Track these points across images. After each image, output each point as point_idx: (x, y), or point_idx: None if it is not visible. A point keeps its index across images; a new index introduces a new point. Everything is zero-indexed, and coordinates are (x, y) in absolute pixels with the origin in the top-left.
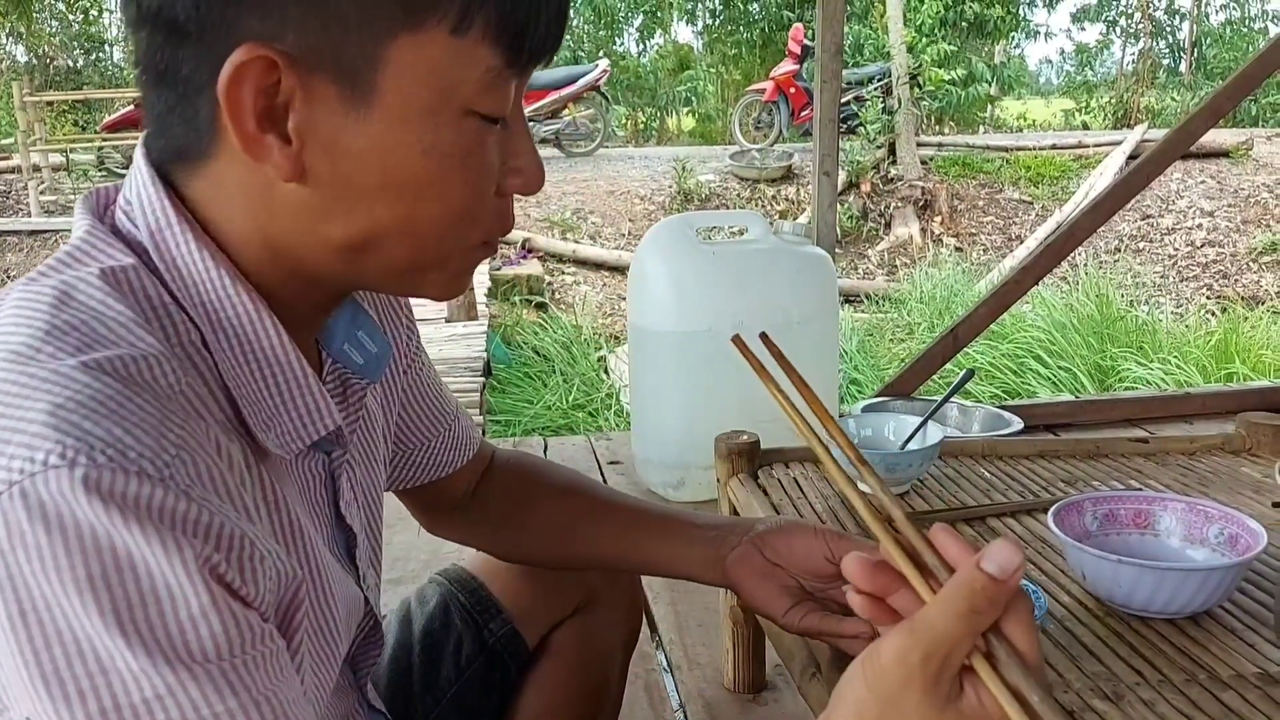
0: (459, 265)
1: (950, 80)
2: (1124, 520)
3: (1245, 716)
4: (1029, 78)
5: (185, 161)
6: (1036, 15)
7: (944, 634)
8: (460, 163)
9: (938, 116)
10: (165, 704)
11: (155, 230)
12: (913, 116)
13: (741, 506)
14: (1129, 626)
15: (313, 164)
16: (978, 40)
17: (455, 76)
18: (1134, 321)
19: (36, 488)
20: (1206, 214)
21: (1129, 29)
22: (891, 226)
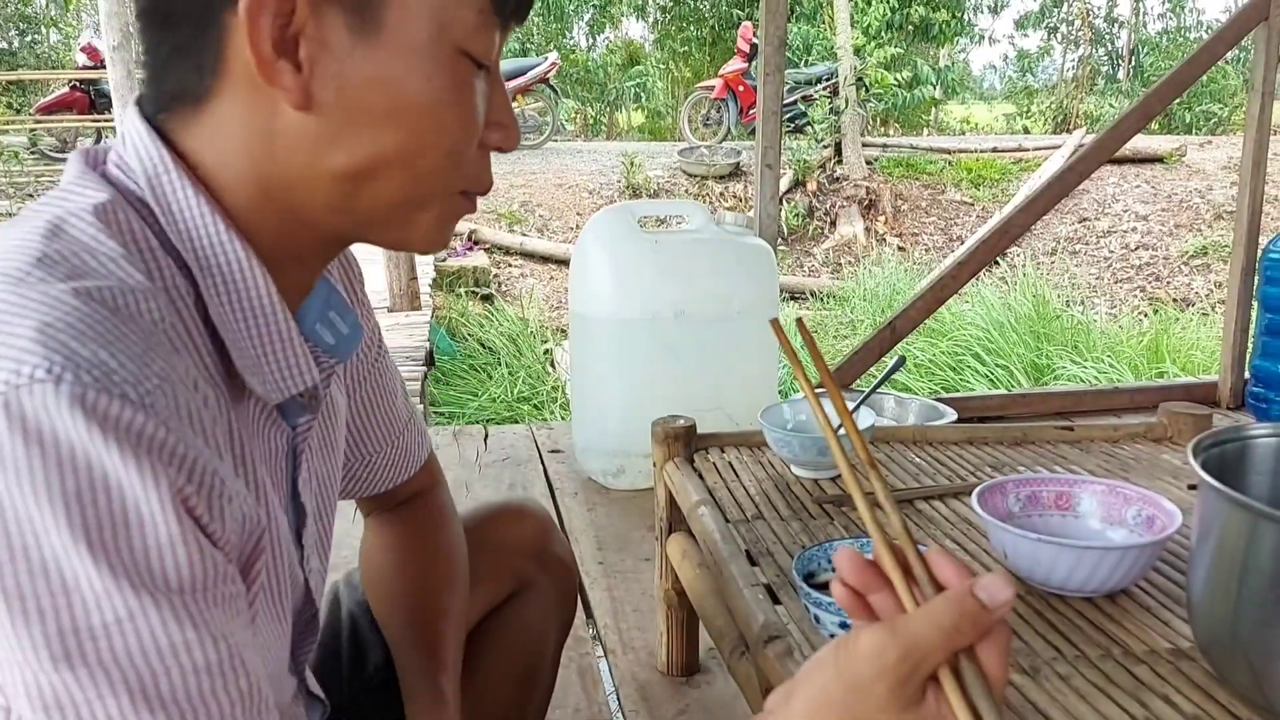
0: (444, 210)
1: (896, 82)
2: (1046, 502)
3: (1156, 689)
4: (973, 82)
5: (183, 105)
6: (982, 20)
7: (923, 642)
8: (455, 98)
9: (883, 118)
10: (124, 629)
11: (153, 176)
12: (858, 117)
13: (677, 490)
14: (1049, 604)
15: (320, 92)
16: (923, 44)
17: (451, 14)
18: (1069, 321)
19: (20, 399)
20: (1141, 218)
21: (1069, 36)
22: (837, 225)
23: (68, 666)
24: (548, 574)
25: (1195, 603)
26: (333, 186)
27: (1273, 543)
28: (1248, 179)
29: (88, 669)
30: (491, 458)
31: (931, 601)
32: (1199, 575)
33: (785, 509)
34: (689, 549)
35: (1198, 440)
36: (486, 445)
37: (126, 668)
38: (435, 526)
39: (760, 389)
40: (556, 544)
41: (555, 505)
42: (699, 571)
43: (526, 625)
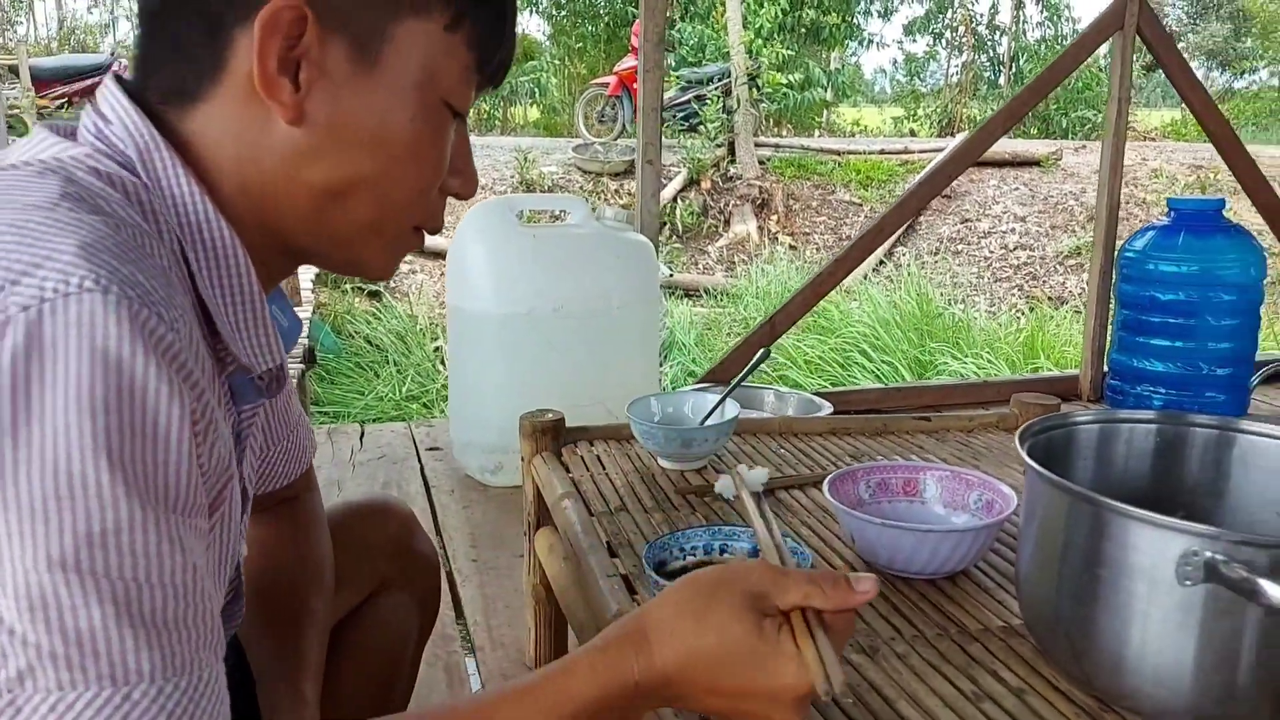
0: (397, 241)
1: (788, 84)
2: (895, 489)
3: (986, 665)
4: (865, 85)
5: (178, 101)
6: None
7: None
8: (431, 139)
9: (776, 118)
10: (120, 539)
11: (144, 150)
12: (751, 117)
13: (543, 483)
14: (893, 587)
15: (313, 111)
16: (815, 46)
17: (441, 65)
18: (951, 319)
19: (69, 306)
20: (1019, 219)
21: (954, 42)
22: (731, 223)
23: (60, 569)
24: (409, 572)
25: (1022, 582)
26: (308, 199)
27: (1089, 523)
28: (1106, 181)
29: (79, 575)
30: (366, 456)
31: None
32: (1026, 555)
33: (649, 500)
34: (555, 543)
35: (1025, 428)
36: (362, 443)
37: (115, 580)
38: (306, 532)
39: (641, 383)
40: (419, 541)
41: (431, 503)
42: (564, 565)
43: (386, 624)
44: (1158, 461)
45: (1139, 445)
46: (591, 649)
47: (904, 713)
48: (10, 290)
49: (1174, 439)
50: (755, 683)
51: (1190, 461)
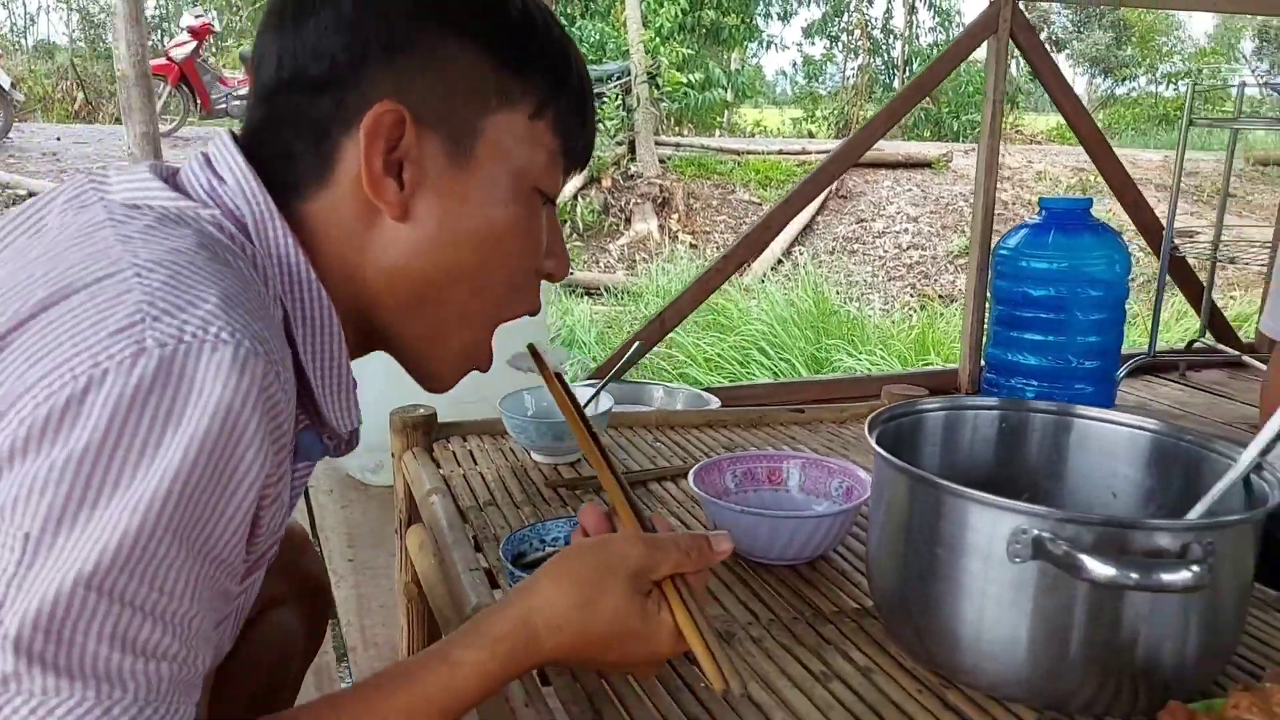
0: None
1: (688, 83)
2: (760, 478)
3: (838, 646)
4: (766, 86)
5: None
6: (772, 27)
7: (662, 549)
8: (526, 227)
9: (677, 118)
10: (152, 569)
11: (259, 217)
12: (652, 116)
13: (412, 479)
14: (754, 573)
15: (417, 207)
16: (716, 47)
17: (529, 153)
18: (847, 316)
19: (204, 352)
20: (912, 219)
21: (850, 45)
22: (632, 222)
23: (88, 587)
24: (298, 591)
25: (871, 564)
26: (407, 289)
27: (928, 505)
28: (981, 181)
29: (101, 595)
30: None
31: (677, 533)
32: (874, 539)
33: (520, 494)
34: (426, 540)
35: (874, 416)
36: None
37: (134, 606)
38: None
39: (528, 380)
40: (309, 561)
41: (308, 503)
42: (433, 562)
43: (271, 642)
44: (1001, 446)
45: (984, 431)
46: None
47: (754, 694)
48: (151, 324)
49: (1016, 424)
50: (638, 655)
51: (1031, 446)
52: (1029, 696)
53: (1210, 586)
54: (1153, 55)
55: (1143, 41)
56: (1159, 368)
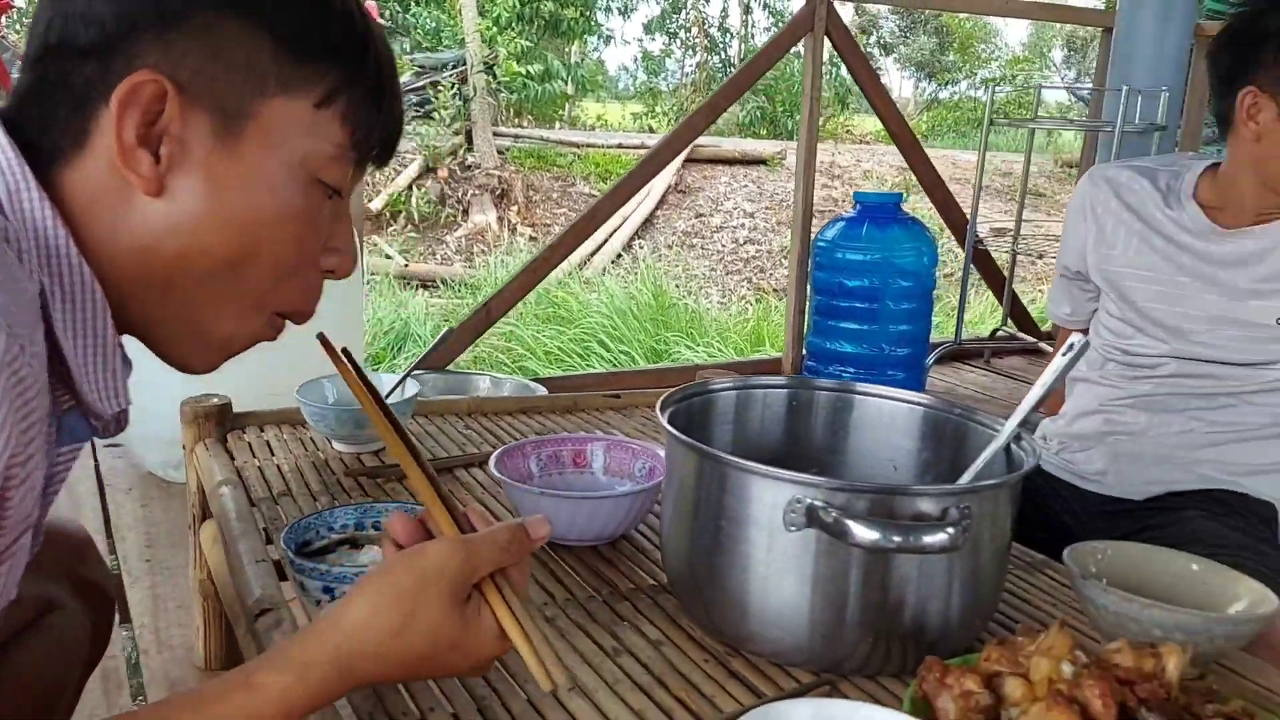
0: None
1: (527, 74)
2: (565, 461)
3: (631, 622)
4: (609, 81)
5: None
6: (613, 21)
7: (483, 551)
8: (297, 218)
9: (517, 109)
10: None
11: (13, 187)
12: (489, 106)
13: (203, 471)
14: (554, 555)
15: (174, 185)
16: (556, 39)
17: (311, 142)
18: (685, 309)
19: None
20: (748, 215)
21: (688, 42)
22: (469, 213)
23: None
24: (78, 598)
25: (664, 540)
26: (159, 268)
27: (712, 479)
28: (802, 175)
29: None
30: None
31: (491, 527)
32: (667, 515)
33: (317, 484)
34: (219, 534)
35: (666, 396)
36: None
37: None
38: None
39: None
40: (92, 568)
41: (103, 502)
42: (224, 556)
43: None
44: (790, 423)
45: (773, 409)
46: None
47: None
48: None
49: (803, 402)
50: (462, 663)
51: (818, 423)
52: (808, 661)
53: (970, 548)
54: (972, 61)
55: (963, 48)
56: (965, 355)
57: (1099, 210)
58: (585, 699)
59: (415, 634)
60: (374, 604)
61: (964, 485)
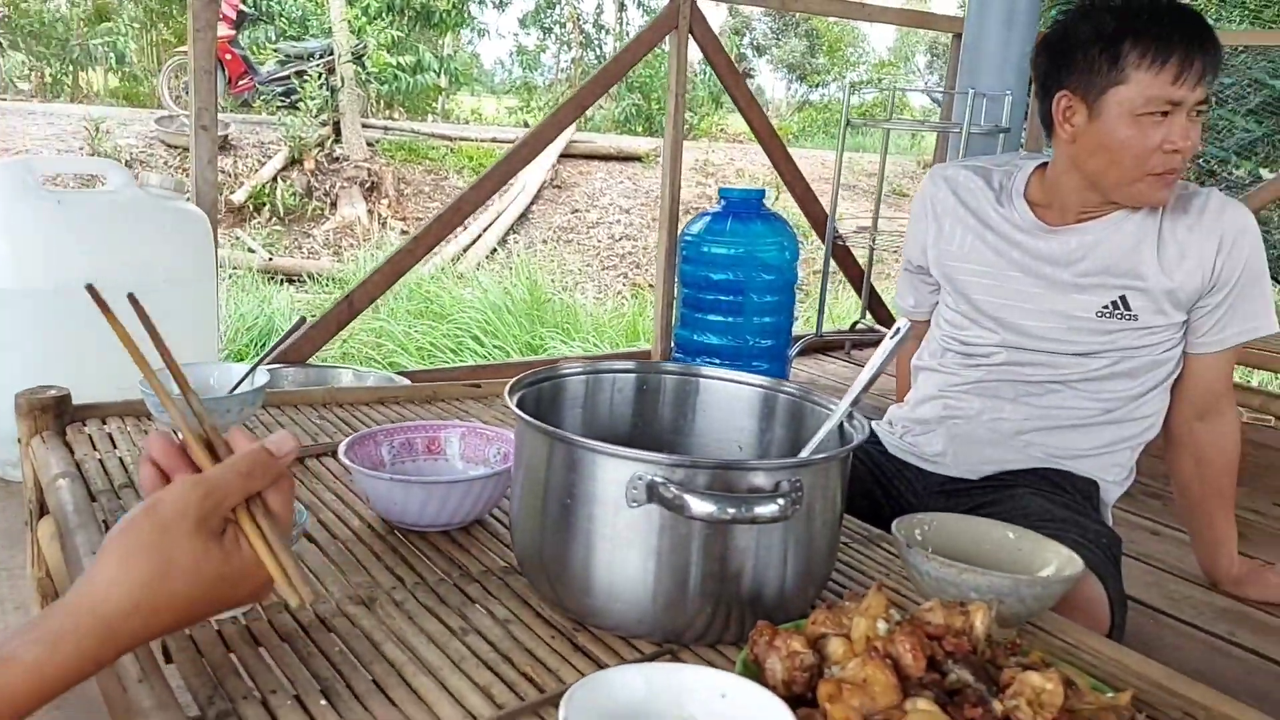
0: None
1: (398, 66)
2: (419, 448)
3: (481, 603)
4: (485, 75)
5: None
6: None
7: (222, 483)
8: None
9: (388, 101)
10: None
11: None
12: (358, 97)
13: (40, 465)
14: (405, 541)
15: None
16: (429, 30)
17: None
18: (561, 305)
19: None
20: (624, 211)
21: (563, 38)
22: (338, 206)
23: None
24: None
25: (513, 521)
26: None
27: (557, 458)
28: (667, 170)
29: None
30: None
31: (232, 456)
32: (516, 496)
33: None
34: (57, 530)
35: (515, 381)
36: None
37: None
38: None
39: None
40: None
41: None
42: (62, 551)
43: None
44: (638, 406)
45: (622, 393)
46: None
47: (389, 654)
48: None
49: (651, 386)
50: (234, 596)
51: (665, 405)
52: (651, 632)
53: (803, 519)
54: (841, 64)
55: (832, 51)
56: (827, 346)
57: (938, 208)
58: (430, 676)
59: (176, 579)
60: (121, 559)
61: (794, 460)
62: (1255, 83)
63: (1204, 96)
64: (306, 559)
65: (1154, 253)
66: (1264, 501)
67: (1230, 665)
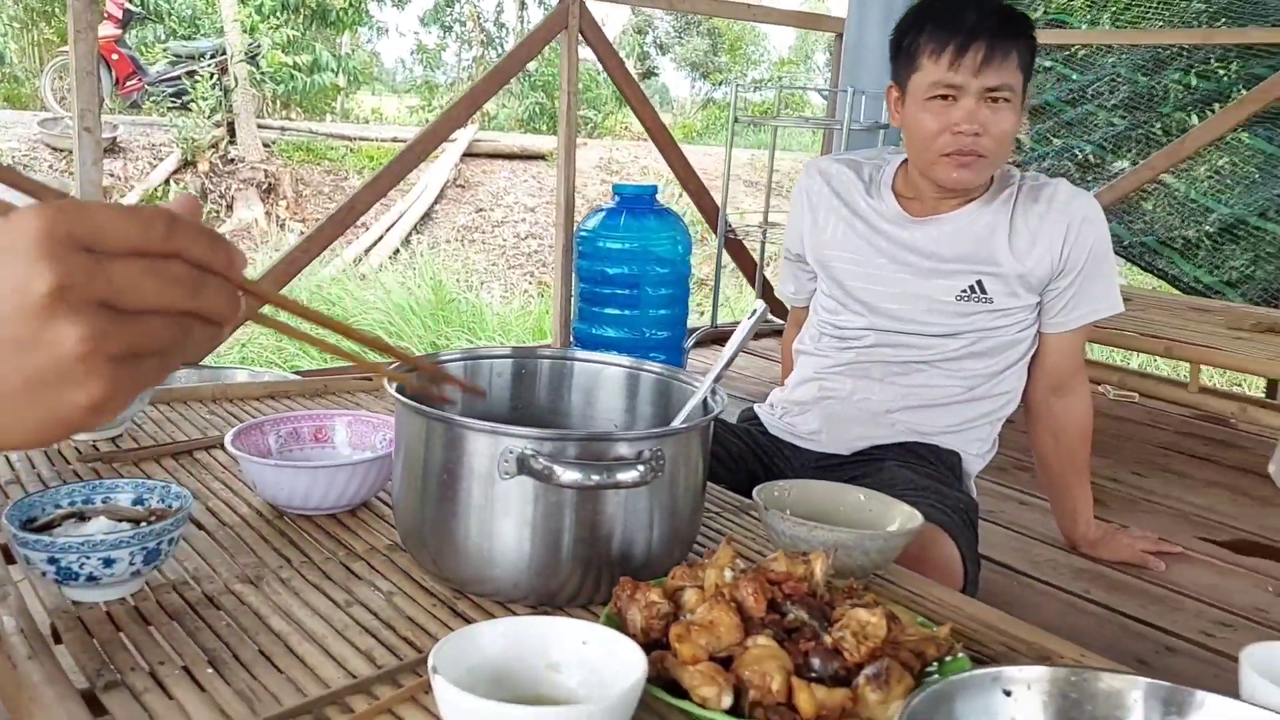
0: None
1: (294, 65)
2: (305, 437)
3: (365, 579)
4: (386, 74)
5: None
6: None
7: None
8: None
9: (284, 101)
10: None
11: None
12: (253, 98)
13: None
14: (293, 525)
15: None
16: (325, 29)
17: None
18: (466, 304)
19: None
20: (530, 209)
21: (464, 37)
22: (234, 209)
23: None
24: None
25: (395, 500)
26: None
27: (433, 437)
28: (562, 167)
29: None
30: None
31: None
32: (397, 476)
33: (49, 472)
34: None
35: (394, 368)
36: None
37: None
38: None
39: None
40: None
41: None
42: None
43: None
44: (516, 390)
45: (501, 378)
46: None
47: (275, 626)
48: None
49: (529, 370)
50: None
51: (542, 387)
52: (526, 596)
53: (666, 485)
54: (742, 63)
55: (733, 50)
56: (723, 338)
57: (813, 199)
58: (314, 644)
59: None
60: None
61: (655, 430)
62: (1118, 78)
63: (996, 83)
64: (194, 544)
65: (1007, 240)
66: (1124, 471)
67: (1084, 619)
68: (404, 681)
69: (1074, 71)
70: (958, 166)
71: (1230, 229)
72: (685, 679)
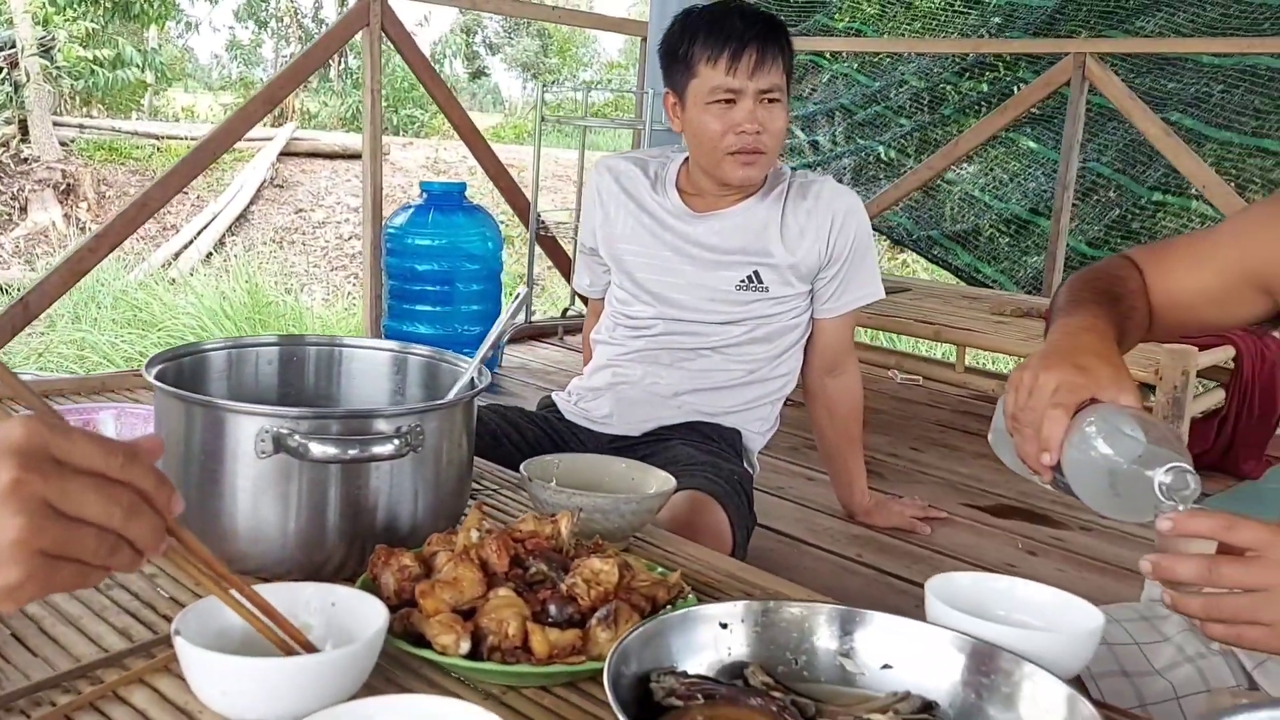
0: None
1: (95, 60)
2: None
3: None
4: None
5: None
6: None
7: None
8: None
9: (84, 98)
10: None
11: None
12: (48, 94)
13: None
14: None
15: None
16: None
17: None
18: (286, 307)
19: None
20: (353, 210)
21: (281, 32)
22: (28, 211)
23: None
24: None
25: None
26: None
27: (192, 421)
28: (367, 164)
29: None
30: None
31: None
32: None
33: None
34: None
35: (153, 357)
36: None
37: None
38: None
39: None
40: None
41: None
42: None
43: None
44: (284, 376)
45: (268, 365)
46: None
47: (29, 611)
48: None
49: (298, 357)
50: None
51: (310, 373)
52: (291, 570)
53: (430, 459)
54: (573, 64)
55: (563, 51)
56: (539, 333)
57: (604, 195)
58: (70, 625)
59: None
60: None
61: (414, 406)
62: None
63: (769, 85)
64: None
65: (779, 233)
66: (903, 447)
67: (855, 580)
68: (157, 654)
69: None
70: (743, 165)
71: (1007, 223)
72: (426, 630)
